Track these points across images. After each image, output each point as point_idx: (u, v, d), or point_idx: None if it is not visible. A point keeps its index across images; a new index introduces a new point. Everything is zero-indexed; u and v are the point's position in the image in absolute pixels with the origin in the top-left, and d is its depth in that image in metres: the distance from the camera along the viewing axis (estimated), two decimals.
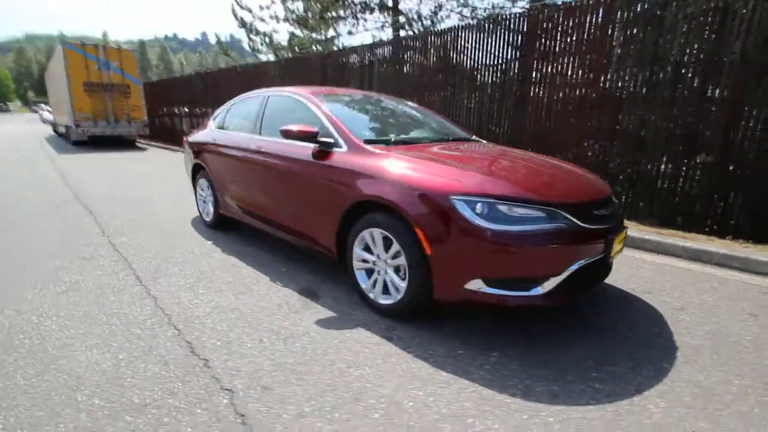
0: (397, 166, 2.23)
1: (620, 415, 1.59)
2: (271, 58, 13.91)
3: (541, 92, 5.14)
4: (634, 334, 2.21)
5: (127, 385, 1.71)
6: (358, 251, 2.42)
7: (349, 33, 14.10)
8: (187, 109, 13.80)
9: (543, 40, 5.02)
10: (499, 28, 5.47)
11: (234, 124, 3.74)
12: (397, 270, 2.25)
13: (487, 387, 1.73)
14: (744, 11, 3.68)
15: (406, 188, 2.08)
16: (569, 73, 4.87)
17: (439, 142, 2.92)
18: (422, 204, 2.01)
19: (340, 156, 2.50)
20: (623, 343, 2.11)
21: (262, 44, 14.01)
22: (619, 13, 4.41)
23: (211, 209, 4.00)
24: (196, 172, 4.21)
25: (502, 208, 1.91)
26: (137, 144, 14.28)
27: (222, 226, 4.01)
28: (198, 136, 4.21)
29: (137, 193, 5.81)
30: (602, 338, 2.16)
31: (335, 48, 13.38)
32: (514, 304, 1.94)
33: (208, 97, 12.63)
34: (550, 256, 1.91)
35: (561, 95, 4.95)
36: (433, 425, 1.51)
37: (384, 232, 2.22)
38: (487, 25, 5.64)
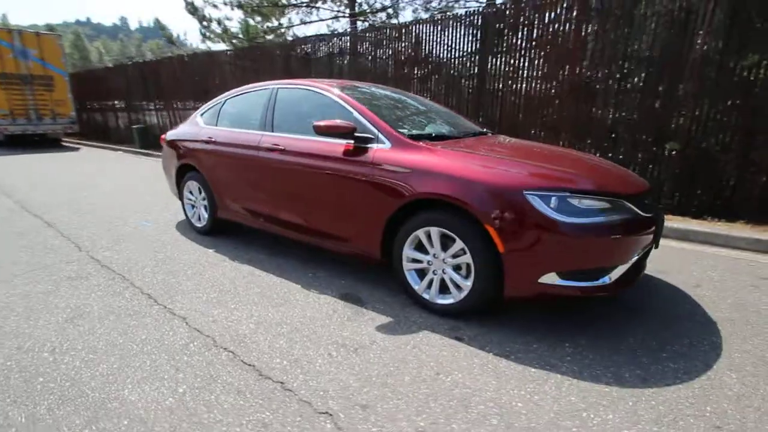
0: (457, 162, 2.16)
1: (707, 390, 1.70)
2: (223, 47, 13.01)
3: (512, 86, 5.39)
4: (673, 312, 2.37)
5: (208, 423, 1.50)
6: (409, 251, 2.33)
7: (302, 22, 13.56)
8: (123, 104, 12.50)
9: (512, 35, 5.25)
10: (460, 24, 5.67)
11: (232, 121, 3.42)
12: (456, 268, 2.20)
13: (581, 378, 1.76)
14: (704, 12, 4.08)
15: (474, 184, 2.02)
16: (537, 67, 5.15)
17: (470, 136, 2.88)
18: (493, 200, 1.97)
19: (384, 153, 2.37)
20: (669, 322, 2.25)
21: (211, 34, 13.04)
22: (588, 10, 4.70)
23: (205, 214, 3.65)
24: (182, 174, 3.81)
25: (573, 201, 1.93)
26: (64, 143, 12.68)
27: (214, 232, 3.68)
28: (183, 133, 3.80)
29: (92, 199, 5.16)
30: (649, 319, 2.28)
31: (289, 38, 12.85)
32: (585, 294, 1.99)
33: (148, 89, 11.51)
34: (620, 246, 1.98)
35: (531, 88, 5.23)
36: (554, 424, 1.50)
37: (443, 230, 2.16)
38: (451, 20, 5.81)
